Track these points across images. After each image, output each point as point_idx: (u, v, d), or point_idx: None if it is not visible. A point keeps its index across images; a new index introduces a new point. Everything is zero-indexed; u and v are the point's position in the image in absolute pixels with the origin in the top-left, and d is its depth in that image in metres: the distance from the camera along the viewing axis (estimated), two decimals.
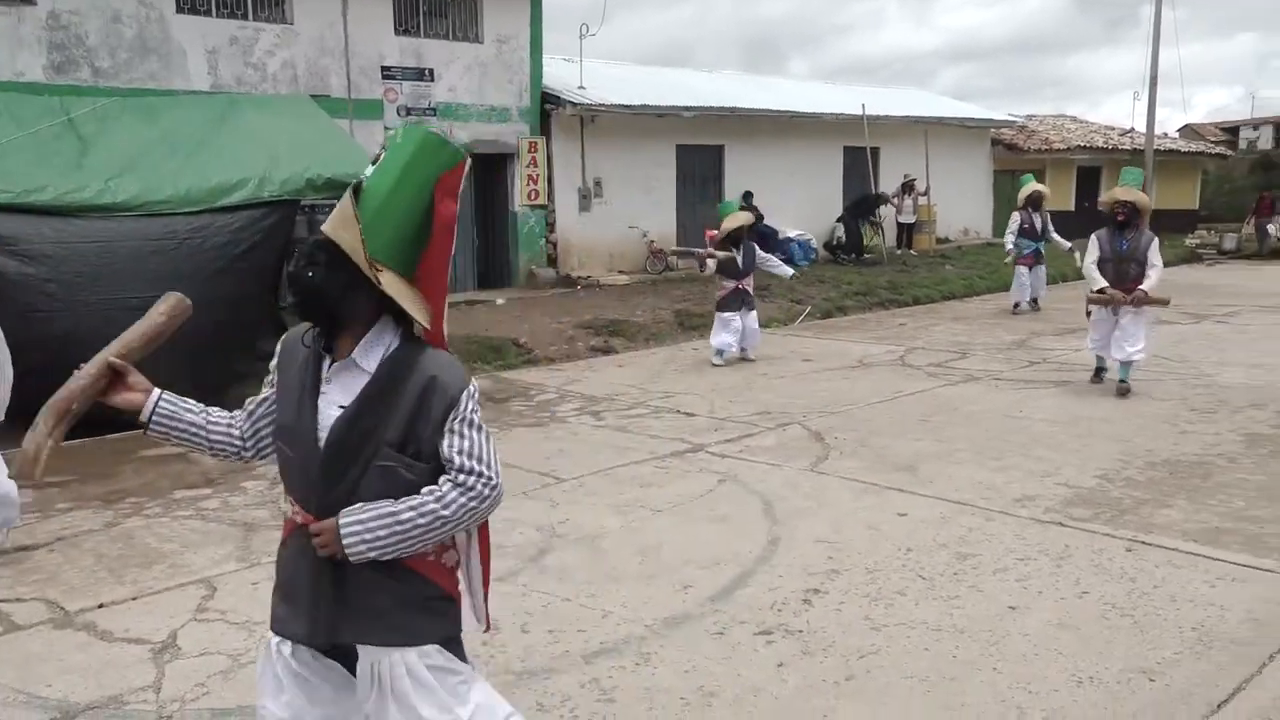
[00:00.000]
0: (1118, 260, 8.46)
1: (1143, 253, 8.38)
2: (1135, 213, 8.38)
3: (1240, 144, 55.05)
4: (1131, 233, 8.41)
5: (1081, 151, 27.82)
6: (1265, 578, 4.60)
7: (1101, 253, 8.51)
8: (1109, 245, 8.48)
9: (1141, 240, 8.41)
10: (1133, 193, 8.46)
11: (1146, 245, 8.39)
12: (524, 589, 4.65)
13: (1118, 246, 8.44)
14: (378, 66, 15.04)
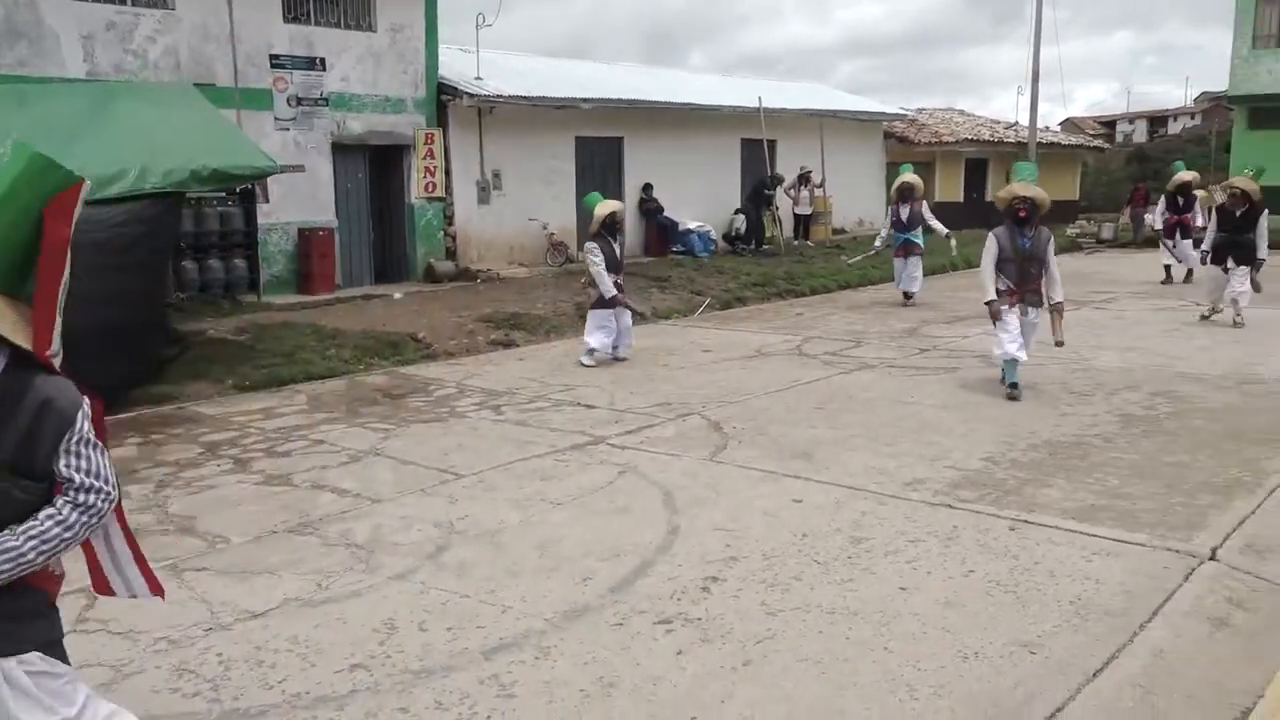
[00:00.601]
0: (1021, 259, 8.12)
1: (1043, 250, 8.14)
2: (1035, 209, 8.07)
3: (1117, 137, 57.62)
4: (1032, 230, 8.11)
5: (969, 144, 28.73)
6: (1137, 551, 4.84)
7: (1002, 251, 8.13)
8: (1010, 243, 8.11)
9: (1041, 237, 8.16)
10: (1032, 188, 8.14)
11: (1046, 243, 8.18)
12: (422, 587, 4.60)
13: (1020, 245, 8.08)
14: (266, 55, 14.61)
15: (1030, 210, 8.03)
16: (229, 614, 4.33)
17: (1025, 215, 8.01)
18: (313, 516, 5.63)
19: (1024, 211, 8.01)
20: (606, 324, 10.03)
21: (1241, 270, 11.50)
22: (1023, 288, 8.13)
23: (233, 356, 10.04)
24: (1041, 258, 8.13)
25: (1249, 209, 11.56)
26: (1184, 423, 7.30)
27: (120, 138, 9.00)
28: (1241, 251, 11.51)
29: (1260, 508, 5.43)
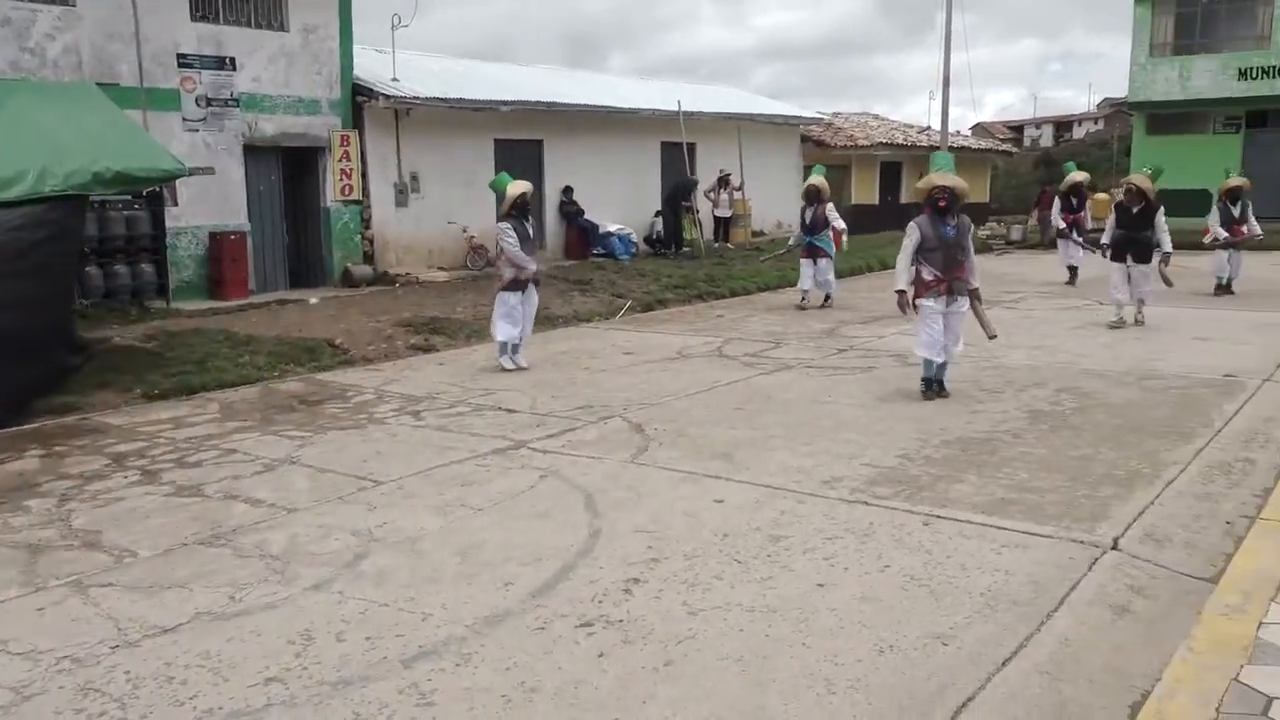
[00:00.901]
0: (946, 247, 8.13)
1: (965, 238, 8.23)
2: (955, 197, 8.13)
3: (1025, 141, 59.43)
4: (953, 218, 8.15)
5: (884, 148, 29.33)
6: (1045, 543, 4.99)
7: (925, 240, 8.12)
8: (933, 232, 8.11)
9: (963, 224, 8.23)
10: (950, 177, 8.17)
11: (967, 230, 8.26)
12: (340, 596, 4.52)
13: (943, 233, 8.10)
14: (173, 54, 14.23)
15: (950, 199, 8.09)
16: (137, 630, 4.20)
17: (946, 204, 8.06)
18: (225, 528, 5.50)
19: (944, 200, 8.06)
20: (514, 312, 9.82)
21: (1141, 269, 11.60)
22: (949, 274, 8.13)
23: (140, 364, 9.74)
24: (965, 245, 8.22)
25: (1145, 206, 11.61)
26: (1088, 418, 7.55)
27: (17, 138, 8.67)
28: (1139, 249, 11.60)
29: (1159, 498, 5.65)
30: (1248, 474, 6.16)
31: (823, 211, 13.86)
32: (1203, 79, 27.54)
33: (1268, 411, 7.66)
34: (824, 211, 13.85)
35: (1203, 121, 28.17)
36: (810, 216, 13.92)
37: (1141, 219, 11.65)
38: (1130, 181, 12.04)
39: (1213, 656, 3.59)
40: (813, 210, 13.90)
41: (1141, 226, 11.63)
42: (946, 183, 8.12)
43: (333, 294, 15.34)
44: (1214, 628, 3.84)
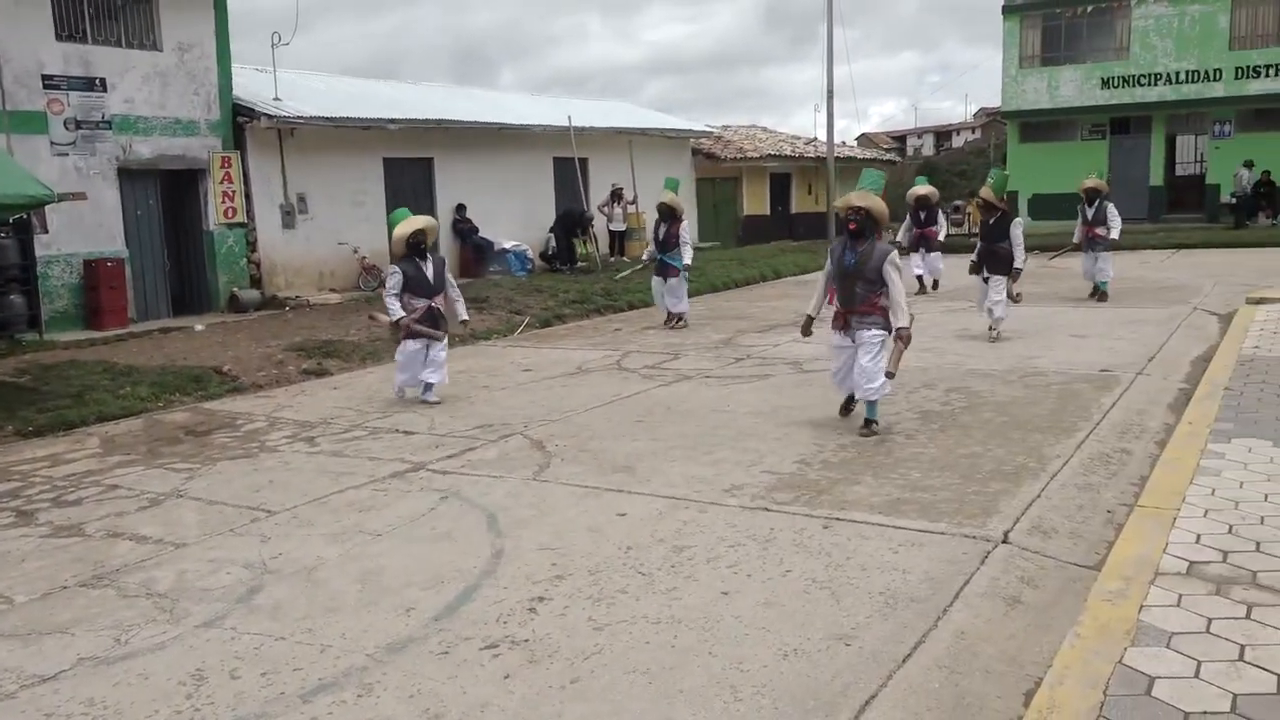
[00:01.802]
0: (844, 277, 7.30)
1: (874, 269, 7.14)
2: (869, 221, 7.26)
3: (908, 151, 61.30)
4: (863, 244, 7.23)
5: (773, 160, 29.89)
6: (939, 539, 5.13)
7: (835, 266, 7.44)
8: (839, 257, 7.36)
9: (874, 253, 7.18)
10: (869, 198, 7.28)
11: (880, 260, 7.14)
12: (233, 633, 4.36)
13: (845, 261, 7.28)
14: (38, 75, 13.63)
15: (861, 223, 7.26)
16: (13, 681, 3.98)
17: (855, 228, 7.27)
18: (109, 567, 5.25)
19: (853, 224, 7.27)
20: (413, 361, 9.03)
21: (996, 280, 11.18)
22: (847, 309, 7.33)
23: (12, 400, 9.26)
24: (872, 278, 7.18)
25: (1000, 216, 11.33)
26: (976, 416, 7.81)
27: None
28: (995, 261, 11.20)
29: (1044, 491, 5.87)
30: (1125, 464, 6.46)
31: (676, 230, 13.24)
32: (1069, 88, 28.91)
33: (1140, 404, 8.04)
34: (677, 230, 13.24)
35: (1071, 129, 29.55)
36: (663, 233, 13.31)
37: (997, 230, 11.32)
38: (979, 195, 11.74)
39: (1098, 641, 3.73)
40: (665, 227, 13.29)
41: (997, 237, 11.27)
42: (863, 204, 7.24)
43: (219, 320, 14.86)
44: (1098, 613, 3.99)
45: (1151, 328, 11.74)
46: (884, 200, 7.44)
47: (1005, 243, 11.15)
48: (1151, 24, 27.81)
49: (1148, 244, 23.03)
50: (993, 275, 11.21)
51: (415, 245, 8.94)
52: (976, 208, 11.91)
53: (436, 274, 9.09)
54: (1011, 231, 11.16)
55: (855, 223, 7.26)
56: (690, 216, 27.02)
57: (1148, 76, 27.93)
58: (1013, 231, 11.16)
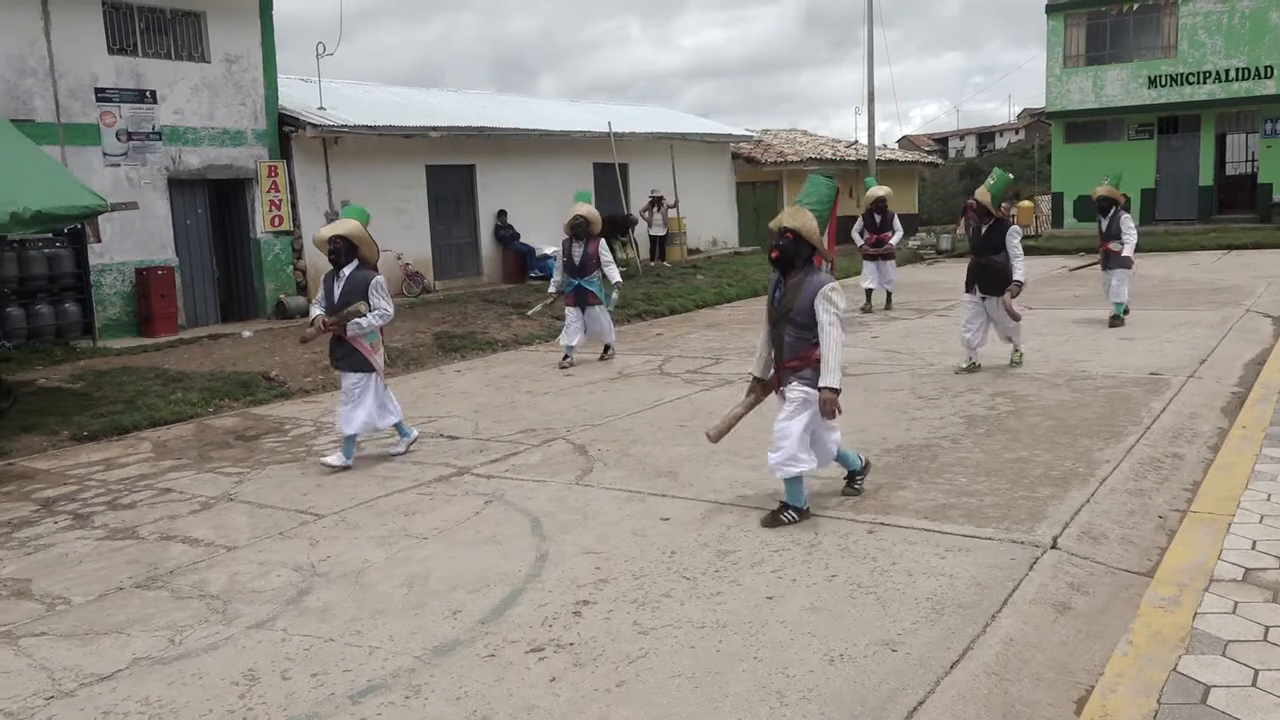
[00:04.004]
0: (772, 318, 5.69)
1: (804, 310, 5.41)
2: (796, 245, 5.47)
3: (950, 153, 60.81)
4: (794, 276, 5.50)
5: (813, 163, 29.72)
6: (986, 545, 5.08)
7: None
8: (770, 297, 5.76)
9: (804, 288, 5.43)
10: (800, 216, 5.49)
11: (810, 298, 5.40)
12: (284, 634, 4.43)
13: (773, 298, 5.69)
14: (90, 88, 13.96)
15: (788, 249, 5.47)
16: (72, 680, 4.07)
17: (777, 256, 5.51)
18: (162, 569, 5.36)
19: (776, 251, 5.52)
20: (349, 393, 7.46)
21: (996, 301, 9.54)
22: (779, 362, 5.65)
23: (68, 406, 9.47)
24: (802, 320, 5.42)
25: (994, 225, 9.64)
26: (1022, 420, 7.71)
27: None
28: (989, 277, 9.56)
29: (1094, 496, 5.78)
30: (1177, 469, 6.35)
31: (594, 249, 11.18)
32: (1115, 88, 28.48)
33: (1192, 408, 7.90)
34: (595, 250, 11.20)
35: (1117, 129, 29.09)
36: (580, 255, 11.16)
37: (990, 240, 9.62)
38: (975, 197, 10.00)
39: (1152, 648, 3.68)
40: (582, 247, 11.15)
41: (990, 249, 9.60)
42: (791, 223, 5.48)
43: (266, 326, 15.09)
44: (1151, 620, 3.93)
45: (1203, 330, 11.53)
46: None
47: (1000, 255, 9.53)
48: (1200, 21, 27.32)
49: (1198, 245, 22.64)
50: (987, 295, 9.61)
51: (332, 252, 7.24)
52: (973, 213, 9.81)
53: (341, 290, 7.23)
54: (1008, 241, 9.50)
55: (779, 249, 5.49)
56: (730, 220, 27.12)
57: (1196, 74, 27.43)
58: (1009, 241, 9.50)
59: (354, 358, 7.26)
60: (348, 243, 7.18)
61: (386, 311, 7.27)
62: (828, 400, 5.40)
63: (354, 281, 7.20)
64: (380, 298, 7.23)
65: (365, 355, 7.27)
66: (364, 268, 7.26)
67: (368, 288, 7.18)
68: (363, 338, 7.23)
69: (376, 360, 7.34)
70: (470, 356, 12.61)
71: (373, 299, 7.18)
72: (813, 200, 5.65)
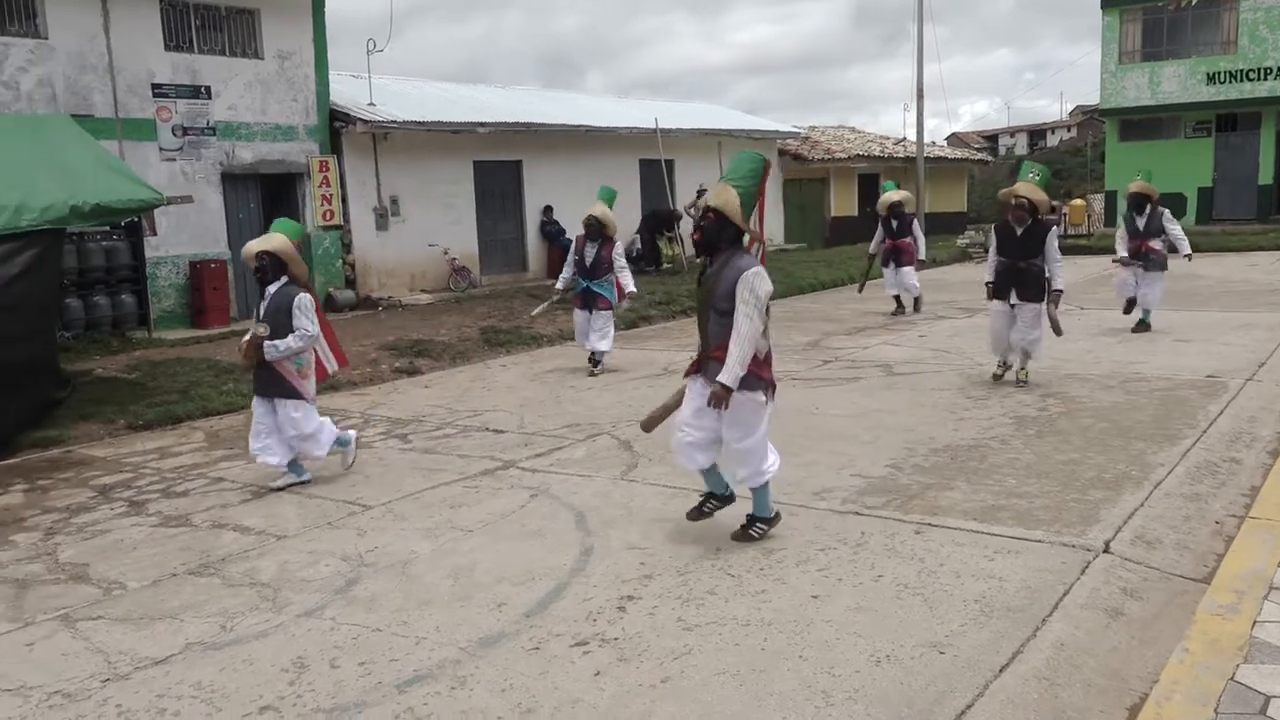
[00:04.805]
0: (701, 301, 5.29)
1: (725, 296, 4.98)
2: (724, 226, 5.02)
3: (1000, 150, 59.99)
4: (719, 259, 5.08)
5: (861, 160, 29.50)
6: (1036, 548, 5.00)
7: None
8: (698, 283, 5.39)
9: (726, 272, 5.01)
10: (724, 193, 5.05)
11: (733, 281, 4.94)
12: (332, 623, 4.48)
13: (699, 282, 5.32)
14: (148, 84, 14.22)
15: (710, 231, 5.07)
16: (127, 663, 4.15)
17: (700, 239, 5.16)
18: (214, 557, 5.45)
19: (698, 233, 5.19)
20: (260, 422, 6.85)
21: (1030, 310, 8.79)
22: (703, 350, 5.22)
23: (124, 395, 9.67)
24: (723, 307, 4.98)
25: (1033, 226, 8.72)
26: (1074, 422, 7.59)
27: None
28: (1027, 283, 8.77)
29: (1148, 500, 5.67)
30: (1234, 474, 6.20)
31: (608, 253, 10.70)
32: (1172, 84, 27.90)
33: (1251, 411, 7.72)
34: (609, 253, 10.71)
35: (1173, 126, 28.50)
36: (592, 256, 10.66)
37: (1029, 243, 8.75)
38: (1017, 194, 8.73)
39: (1209, 656, 3.60)
40: (595, 248, 10.66)
41: (1029, 252, 8.74)
42: (714, 203, 5.08)
43: None
44: (1208, 628, 3.85)
45: (1262, 332, 11.26)
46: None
47: (1038, 259, 8.74)
48: (1261, 16, 26.67)
49: (1256, 245, 22.12)
50: (1023, 303, 8.81)
51: (258, 268, 6.81)
52: (1011, 210, 8.75)
53: (265, 309, 6.74)
54: (1049, 245, 8.73)
55: (702, 230, 5.12)
56: (776, 217, 26.95)
57: (1256, 71, 26.78)
58: (1050, 245, 8.74)
59: (279, 384, 6.64)
60: (274, 259, 6.67)
61: (308, 332, 6.61)
62: (717, 397, 4.91)
63: (278, 300, 6.64)
64: (304, 317, 6.60)
65: (289, 381, 6.65)
66: (291, 285, 6.71)
67: (291, 307, 6.60)
68: (287, 361, 6.63)
69: (304, 386, 6.71)
70: (515, 351, 12.68)
71: (295, 319, 6.57)
72: (738, 176, 5.13)
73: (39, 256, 8.38)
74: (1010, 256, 8.87)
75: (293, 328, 6.58)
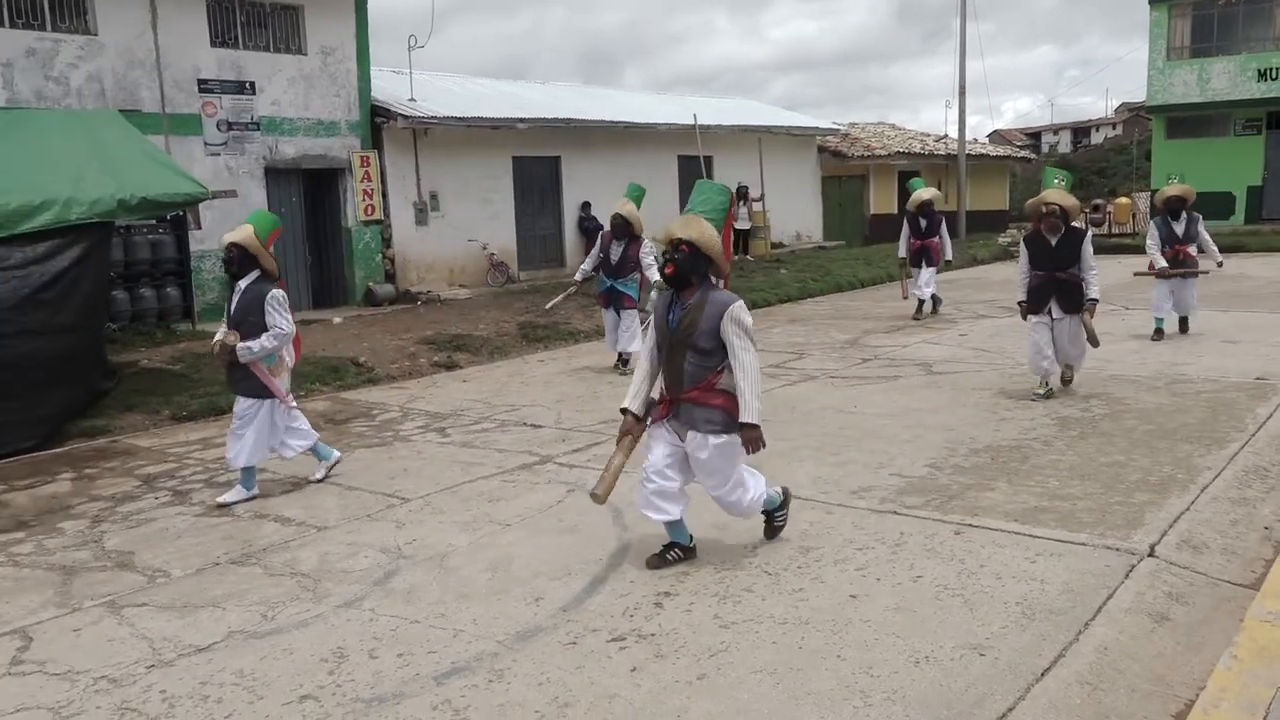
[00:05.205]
0: (668, 344, 4.83)
1: (707, 334, 4.68)
2: (698, 260, 4.70)
3: (1043, 148, 59.23)
4: (692, 294, 4.75)
5: (901, 157, 29.25)
6: (1079, 550, 4.93)
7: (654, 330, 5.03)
8: (659, 319, 4.92)
9: (706, 309, 4.70)
10: (695, 226, 4.74)
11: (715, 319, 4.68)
12: (371, 614, 4.52)
13: (668, 319, 4.83)
14: (194, 79, 14.41)
15: (683, 264, 4.69)
16: (171, 650, 4.22)
17: (673, 272, 4.72)
18: (256, 547, 5.52)
19: (671, 266, 4.72)
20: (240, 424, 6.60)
21: (1073, 322, 8.34)
22: (673, 393, 4.84)
23: (168, 386, 9.82)
24: (705, 346, 4.68)
25: (1068, 233, 8.25)
26: (1118, 424, 7.47)
27: (44, 167, 8.78)
28: (1067, 294, 8.28)
29: (1194, 504, 5.57)
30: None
31: (635, 252, 10.44)
32: (1221, 81, 27.37)
33: None
34: (636, 252, 10.45)
35: (1223, 124, 27.96)
36: (618, 255, 10.48)
37: (1065, 252, 8.25)
38: (1045, 201, 8.24)
39: (1257, 664, 3.53)
40: (621, 247, 10.47)
41: (1066, 262, 8.26)
42: (685, 234, 4.69)
43: (355, 313, 15.43)
44: (1257, 635, 3.78)
45: None
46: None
47: (1075, 268, 8.26)
48: None
49: None
50: (1067, 315, 8.33)
51: (225, 261, 6.53)
52: (1044, 220, 8.27)
53: (236, 305, 6.46)
54: (1085, 253, 8.24)
55: (674, 263, 4.70)
56: (815, 214, 26.82)
57: None
58: (1086, 252, 8.24)
59: (250, 382, 6.46)
60: (243, 251, 6.36)
61: (282, 330, 6.37)
62: (752, 440, 4.75)
63: (250, 296, 6.37)
64: (277, 314, 6.35)
65: (262, 380, 6.45)
66: (264, 280, 6.44)
67: (263, 303, 6.34)
68: (259, 361, 6.42)
69: (276, 385, 6.50)
70: (553, 346, 12.72)
71: (268, 316, 6.33)
72: (709, 209, 4.98)
73: (88, 250, 8.53)
74: (1046, 268, 8.34)
75: (265, 325, 6.34)
